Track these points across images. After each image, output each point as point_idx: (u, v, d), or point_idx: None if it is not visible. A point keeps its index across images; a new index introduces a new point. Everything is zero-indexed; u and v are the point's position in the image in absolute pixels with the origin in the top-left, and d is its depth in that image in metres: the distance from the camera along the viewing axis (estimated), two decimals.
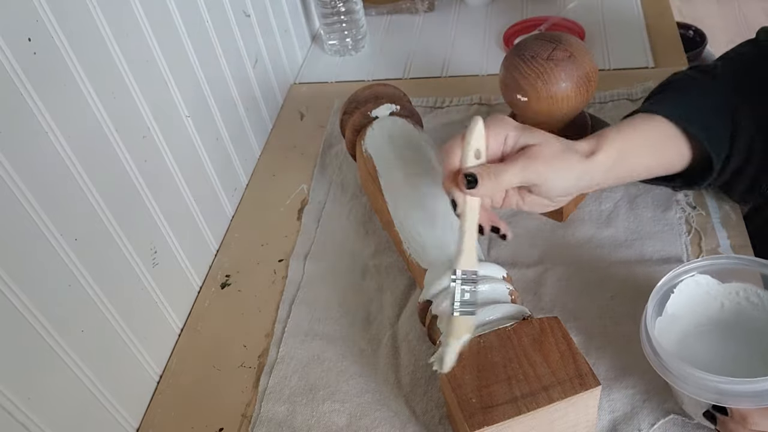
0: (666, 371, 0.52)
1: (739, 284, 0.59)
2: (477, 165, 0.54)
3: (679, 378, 0.51)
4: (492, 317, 0.56)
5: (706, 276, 0.58)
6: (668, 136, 0.61)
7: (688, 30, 1.83)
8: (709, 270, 0.58)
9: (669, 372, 0.52)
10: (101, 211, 0.60)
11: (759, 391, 0.48)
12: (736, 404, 0.49)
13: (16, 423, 0.50)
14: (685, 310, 0.59)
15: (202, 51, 0.77)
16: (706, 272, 0.58)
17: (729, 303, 0.59)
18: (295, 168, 0.90)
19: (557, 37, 0.68)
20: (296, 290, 0.74)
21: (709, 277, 0.59)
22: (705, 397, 0.50)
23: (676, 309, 0.58)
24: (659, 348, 0.53)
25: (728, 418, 0.51)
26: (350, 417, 0.61)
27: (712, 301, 0.59)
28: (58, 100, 0.54)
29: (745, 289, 0.59)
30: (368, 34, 1.12)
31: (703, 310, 0.59)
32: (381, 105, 0.78)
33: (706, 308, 0.59)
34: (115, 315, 0.61)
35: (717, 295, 0.59)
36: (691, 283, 0.58)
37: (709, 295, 0.59)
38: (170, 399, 0.67)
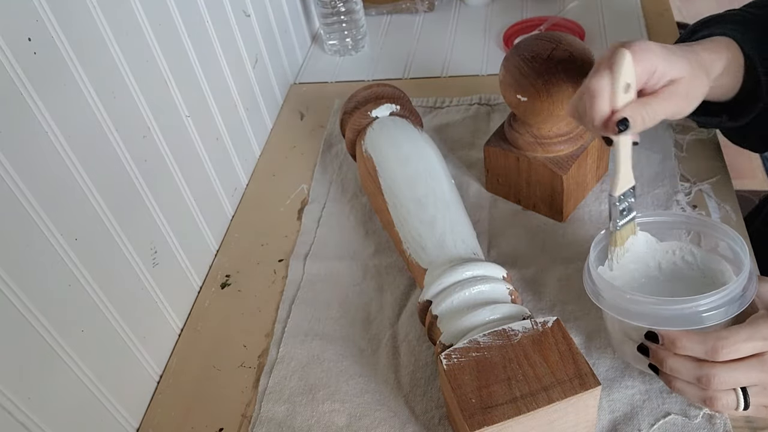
0: (603, 300, 0.54)
1: (675, 243, 0.61)
2: (627, 102, 0.54)
3: (615, 306, 0.53)
4: (492, 317, 0.56)
5: (645, 233, 0.60)
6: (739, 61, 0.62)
7: None
8: (649, 227, 0.60)
9: (605, 300, 0.54)
10: (101, 211, 0.60)
11: (687, 314, 0.51)
12: (666, 326, 0.51)
13: (16, 423, 0.50)
14: (627, 264, 0.60)
15: (202, 51, 0.77)
16: (645, 229, 0.60)
17: (666, 263, 0.61)
18: (295, 168, 0.90)
19: (557, 37, 0.68)
20: (296, 290, 0.74)
21: (648, 234, 0.61)
22: (637, 321, 0.52)
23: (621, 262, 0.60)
24: (598, 279, 0.55)
25: (659, 346, 0.52)
26: (350, 417, 0.61)
27: (651, 258, 0.61)
28: (58, 100, 0.54)
29: (681, 248, 0.60)
30: (368, 34, 1.12)
31: (642, 265, 0.61)
32: (381, 105, 0.78)
33: (646, 264, 0.61)
34: (115, 315, 0.61)
35: (655, 253, 0.61)
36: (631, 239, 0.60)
37: (647, 252, 0.61)
38: (170, 399, 0.67)
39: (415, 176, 0.70)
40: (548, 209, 0.75)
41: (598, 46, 1.01)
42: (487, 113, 0.92)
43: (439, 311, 0.59)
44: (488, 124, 0.90)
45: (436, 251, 0.63)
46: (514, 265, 0.71)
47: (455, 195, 0.70)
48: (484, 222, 0.77)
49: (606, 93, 0.54)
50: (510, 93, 0.69)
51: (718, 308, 0.51)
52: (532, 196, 0.76)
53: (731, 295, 0.51)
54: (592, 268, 0.57)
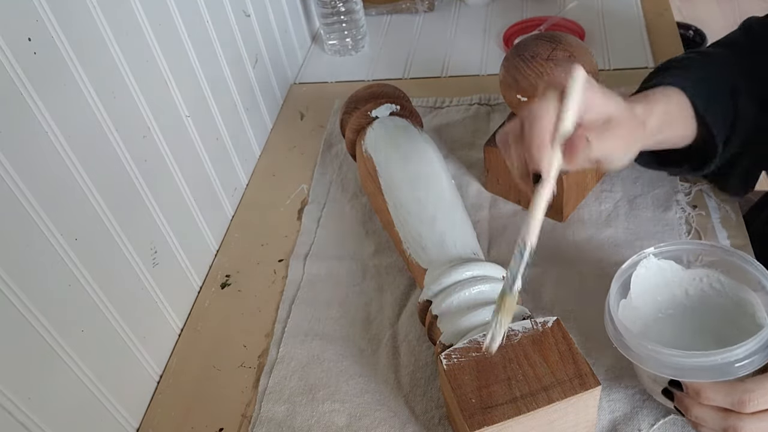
0: (626, 348, 0.53)
1: (702, 270, 0.59)
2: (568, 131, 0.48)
3: (639, 355, 0.52)
4: None
5: (669, 261, 0.59)
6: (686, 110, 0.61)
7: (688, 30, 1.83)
8: (673, 255, 0.59)
9: (630, 349, 0.53)
10: (101, 211, 0.60)
11: (711, 365, 0.49)
12: (690, 378, 0.50)
13: (16, 423, 0.50)
14: (650, 294, 0.59)
15: (202, 51, 0.77)
16: (670, 257, 0.59)
17: (693, 290, 0.60)
18: (295, 168, 0.90)
19: (557, 37, 0.68)
20: (296, 290, 0.74)
21: (673, 263, 0.59)
22: (661, 371, 0.51)
23: (642, 293, 0.59)
24: (620, 326, 0.54)
25: (683, 394, 0.51)
26: (350, 417, 0.61)
27: (676, 287, 0.60)
28: (58, 100, 0.54)
29: (708, 275, 0.59)
30: (368, 34, 1.12)
31: (668, 295, 0.60)
32: (381, 105, 0.78)
33: (671, 294, 0.60)
34: (115, 315, 0.61)
35: (681, 281, 0.60)
36: (655, 268, 0.59)
37: (674, 280, 0.60)
38: (170, 399, 0.67)
39: (415, 176, 0.70)
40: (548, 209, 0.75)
41: (598, 46, 1.01)
42: (487, 113, 0.92)
43: (439, 311, 0.59)
44: (488, 124, 0.90)
45: (436, 251, 0.63)
46: None
47: (455, 195, 0.70)
48: (484, 222, 0.77)
49: (551, 117, 0.48)
50: (510, 93, 0.69)
51: (750, 357, 0.49)
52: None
53: (761, 343, 0.49)
54: (613, 311, 0.55)
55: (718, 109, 0.62)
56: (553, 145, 0.48)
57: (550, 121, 0.48)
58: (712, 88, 0.62)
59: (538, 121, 0.48)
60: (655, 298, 0.60)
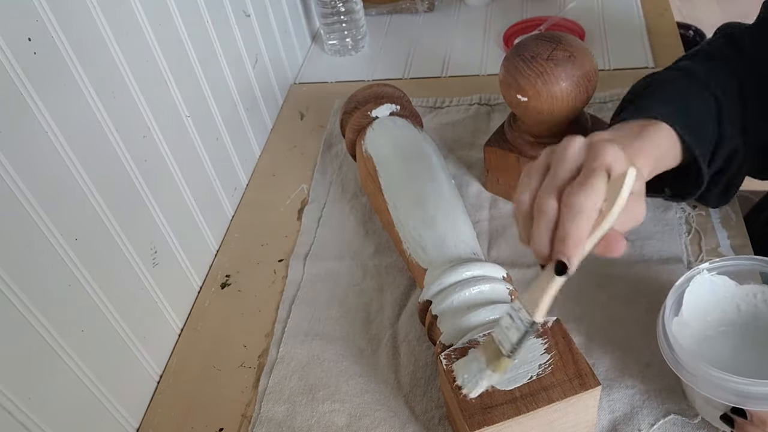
0: (684, 371, 0.51)
1: (756, 286, 0.58)
2: None
3: (698, 378, 0.50)
4: (492, 317, 0.56)
5: (723, 277, 0.57)
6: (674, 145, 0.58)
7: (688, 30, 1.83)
8: (727, 271, 0.57)
9: (687, 372, 0.51)
10: (101, 211, 0.60)
11: None
12: (757, 407, 0.48)
13: (16, 423, 0.50)
14: (701, 311, 0.58)
15: (202, 51, 0.77)
16: (723, 273, 0.57)
17: (746, 306, 0.58)
18: (295, 168, 0.90)
19: (557, 37, 0.68)
20: (296, 290, 0.74)
21: (727, 278, 0.57)
22: (724, 398, 0.49)
23: (693, 310, 0.57)
24: (677, 346, 0.52)
25: (747, 422, 0.50)
26: (350, 417, 0.61)
27: (728, 303, 0.58)
28: (58, 100, 0.54)
29: (763, 291, 0.58)
30: (368, 34, 1.12)
31: (719, 312, 0.58)
32: (381, 105, 0.78)
33: (723, 310, 0.59)
34: (115, 315, 0.61)
35: (734, 297, 0.58)
36: (707, 284, 0.57)
37: (725, 296, 0.58)
38: (170, 399, 0.67)
39: (415, 176, 0.70)
40: None
41: (598, 46, 1.01)
42: (487, 113, 0.92)
43: (439, 311, 0.59)
44: (488, 124, 0.90)
45: (436, 251, 0.63)
46: (514, 265, 0.71)
47: (455, 195, 0.70)
48: (484, 222, 0.77)
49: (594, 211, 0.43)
50: (510, 93, 0.69)
51: None
52: None
53: None
54: (668, 330, 0.52)
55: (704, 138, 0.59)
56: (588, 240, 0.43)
57: (592, 217, 0.43)
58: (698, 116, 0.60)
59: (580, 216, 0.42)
60: (706, 315, 0.58)
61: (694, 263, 0.68)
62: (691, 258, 0.69)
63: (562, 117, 0.69)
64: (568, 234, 0.42)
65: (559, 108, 0.68)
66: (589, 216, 0.42)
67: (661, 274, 0.68)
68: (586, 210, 0.42)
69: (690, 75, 0.64)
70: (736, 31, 0.67)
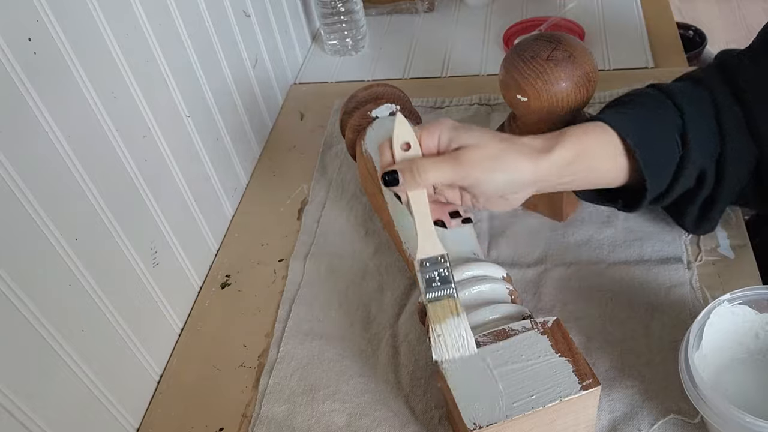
0: (709, 411, 0.50)
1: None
2: (406, 159, 0.54)
3: (726, 422, 0.49)
4: (492, 317, 0.56)
5: (744, 307, 0.57)
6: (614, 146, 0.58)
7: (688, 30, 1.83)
8: (747, 301, 0.56)
9: (712, 412, 0.50)
10: (101, 210, 0.60)
11: None
12: None
13: (17, 423, 0.50)
14: (721, 341, 0.57)
15: (202, 51, 0.77)
16: (744, 303, 0.56)
17: (765, 333, 0.58)
18: (295, 168, 0.90)
19: (557, 37, 0.68)
20: (296, 290, 0.74)
21: (747, 308, 0.57)
22: None
23: (712, 340, 0.56)
24: (705, 389, 0.50)
25: None
26: (350, 417, 0.61)
27: (747, 331, 0.58)
28: (58, 100, 0.54)
29: None
30: (368, 34, 1.12)
31: (738, 341, 0.58)
32: (381, 105, 0.78)
33: (742, 338, 0.58)
34: (115, 315, 0.61)
35: (753, 325, 0.58)
36: (728, 314, 0.57)
37: (744, 324, 0.58)
38: (170, 399, 0.67)
39: None
40: (548, 209, 0.75)
41: (598, 46, 1.01)
42: (487, 113, 0.92)
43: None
44: (488, 124, 0.90)
45: None
46: (514, 265, 0.71)
47: None
48: (484, 222, 0.77)
49: (387, 150, 0.55)
50: (510, 93, 0.69)
51: None
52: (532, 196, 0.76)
53: None
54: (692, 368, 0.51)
55: (657, 147, 0.58)
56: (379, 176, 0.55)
57: (387, 155, 0.55)
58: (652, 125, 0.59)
59: (381, 155, 0.55)
60: (725, 345, 0.58)
61: (694, 263, 0.68)
62: (691, 258, 0.69)
63: (562, 117, 0.69)
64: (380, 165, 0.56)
65: (559, 108, 0.68)
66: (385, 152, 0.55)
67: (661, 274, 0.68)
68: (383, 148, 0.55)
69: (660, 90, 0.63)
70: (728, 59, 0.65)
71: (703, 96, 0.62)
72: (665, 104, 0.61)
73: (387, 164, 0.55)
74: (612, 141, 0.58)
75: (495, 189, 0.54)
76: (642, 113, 0.60)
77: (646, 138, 0.57)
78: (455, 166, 0.53)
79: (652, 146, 0.58)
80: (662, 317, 0.64)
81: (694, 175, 0.60)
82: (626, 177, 0.59)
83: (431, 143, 0.55)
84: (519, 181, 0.55)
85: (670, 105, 0.60)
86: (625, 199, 0.63)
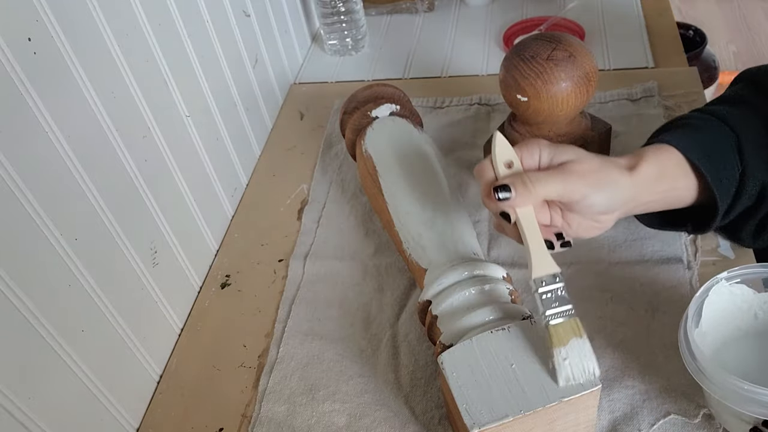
0: (709, 383, 0.51)
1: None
2: (511, 174, 0.53)
3: (726, 391, 0.50)
4: (492, 317, 0.56)
5: (741, 285, 0.57)
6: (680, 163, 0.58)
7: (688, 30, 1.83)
8: (745, 279, 0.57)
9: (713, 384, 0.50)
10: (101, 211, 0.60)
11: None
12: None
13: (16, 423, 0.50)
14: (719, 319, 0.57)
15: (202, 51, 0.77)
16: (742, 281, 0.57)
17: (763, 313, 0.58)
18: (295, 168, 0.90)
19: (557, 37, 0.68)
20: (296, 290, 0.74)
21: (745, 287, 0.57)
22: (757, 412, 0.49)
23: (712, 320, 0.57)
24: (701, 357, 0.51)
25: None
26: (350, 417, 0.61)
27: (746, 311, 0.59)
28: (58, 100, 0.54)
29: None
30: (368, 34, 1.12)
31: (737, 320, 0.58)
32: (381, 105, 0.78)
33: (741, 318, 0.59)
34: (115, 315, 0.61)
35: (751, 304, 0.58)
36: (726, 294, 0.57)
37: (743, 303, 0.58)
38: (170, 399, 0.67)
39: (415, 176, 0.70)
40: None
41: (598, 46, 1.01)
42: (487, 113, 0.92)
43: (439, 311, 0.59)
44: (488, 124, 0.90)
45: (436, 251, 0.63)
46: (514, 265, 0.71)
47: (455, 195, 0.70)
48: (484, 222, 0.77)
49: (490, 168, 0.55)
50: (510, 93, 0.69)
51: None
52: None
53: None
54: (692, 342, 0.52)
55: (719, 165, 0.58)
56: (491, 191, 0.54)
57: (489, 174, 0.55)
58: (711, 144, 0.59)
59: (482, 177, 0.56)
60: (724, 324, 0.58)
61: (694, 263, 0.68)
62: (691, 258, 0.69)
63: (562, 117, 0.70)
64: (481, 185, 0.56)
65: (559, 108, 0.68)
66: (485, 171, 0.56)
67: (661, 274, 0.68)
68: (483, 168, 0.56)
69: (706, 112, 0.62)
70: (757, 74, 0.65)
71: (746, 113, 0.62)
72: (714, 123, 0.61)
73: (490, 182, 0.54)
74: (680, 160, 0.58)
75: (598, 205, 0.54)
76: (697, 133, 0.60)
77: (707, 156, 0.57)
78: (566, 178, 0.53)
79: (715, 164, 0.57)
80: (662, 317, 0.64)
81: (755, 192, 0.60)
82: (696, 196, 0.59)
83: (532, 161, 0.55)
84: (619, 197, 0.55)
85: (719, 124, 0.60)
86: (693, 223, 0.62)
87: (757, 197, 0.60)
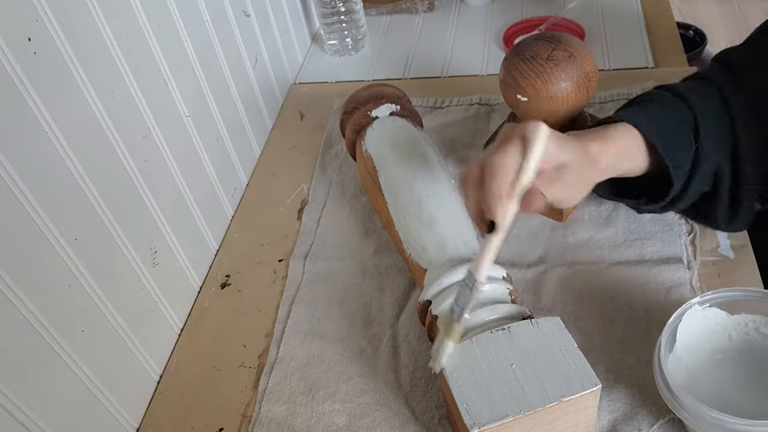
0: (683, 412, 0.51)
1: (748, 316, 0.58)
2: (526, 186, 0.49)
3: (698, 420, 0.50)
4: (492, 317, 0.56)
5: (714, 309, 0.58)
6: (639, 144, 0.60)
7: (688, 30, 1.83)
8: (718, 303, 0.57)
9: (686, 413, 0.51)
10: (101, 211, 0.60)
11: None
12: None
13: (16, 423, 0.50)
14: (694, 343, 0.58)
15: (202, 51, 0.77)
16: (715, 305, 0.57)
17: (737, 335, 0.59)
18: (295, 168, 0.90)
19: (557, 37, 0.68)
20: (296, 290, 0.74)
21: (718, 310, 0.58)
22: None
23: (686, 344, 0.57)
24: (676, 388, 0.52)
25: None
26: (350, 417, 0.61)
27: (720, 333, 0.59)
28: (58, 100, 0.54)
29: (754, 320, 0.58)
30: (368, 34, 1.12)
31: (711, 343, 0.59)
32: (381, 105, 0.78)
33: (715, 340, 0.59)
34: (115, 315, 0.61)
35: (725, 327, 0.59)
36: (699, 317, 0.58)
37: (717, 326, 0.59)
38: (170, 399, 0.67)
39: (415, 176, 0.70)
40: (548, 209, 0.75)
41: (598, 46, 1.01)
42: (487, 113, 0.92)
43: (439, 311, 0.59)
44: (488, 124, 0.90)
45: (436, 251, 0.63)
46: (514, 265, 0.71)
47: (455, 195, 0.70)
48: None
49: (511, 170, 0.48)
50: (510, 93, 0.69)
51: None
52: None
53: None
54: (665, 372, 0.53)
55: (674, 142, 0.60)
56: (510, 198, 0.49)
57: (509, 175, 0.48)
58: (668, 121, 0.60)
59: (498, 174, 0.48)
60: (699, 347, 0.58)
61: (694, 263, 0.68)
62: (691, 258, 0.69)
63: (562, 117, 0.70)
64: (489, 193, 0.48)
65: (559, 108, 0.68)
66: (504, 173, 0.48)
67: (661, 274, 0.68)
68: (501, 168, 0.48)
69: (668, 89, 0.64)
70: (728, 54, 0.67)
71: (709, 89, 0.63)
72: (673, 100, 0.62)
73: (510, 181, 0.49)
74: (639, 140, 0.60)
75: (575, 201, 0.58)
76: (654, 110, 0.61)
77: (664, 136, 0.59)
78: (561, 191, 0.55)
79: (669, 141, 0.59)
80: (662, 317, 0.64)
81: (710, 172, 0.61)
82: (649, 168, 0.62)
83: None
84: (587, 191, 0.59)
85: (678, 101, 0.62)
86: (648, 194, 0.64)
87: (713, 181, 0.61)
